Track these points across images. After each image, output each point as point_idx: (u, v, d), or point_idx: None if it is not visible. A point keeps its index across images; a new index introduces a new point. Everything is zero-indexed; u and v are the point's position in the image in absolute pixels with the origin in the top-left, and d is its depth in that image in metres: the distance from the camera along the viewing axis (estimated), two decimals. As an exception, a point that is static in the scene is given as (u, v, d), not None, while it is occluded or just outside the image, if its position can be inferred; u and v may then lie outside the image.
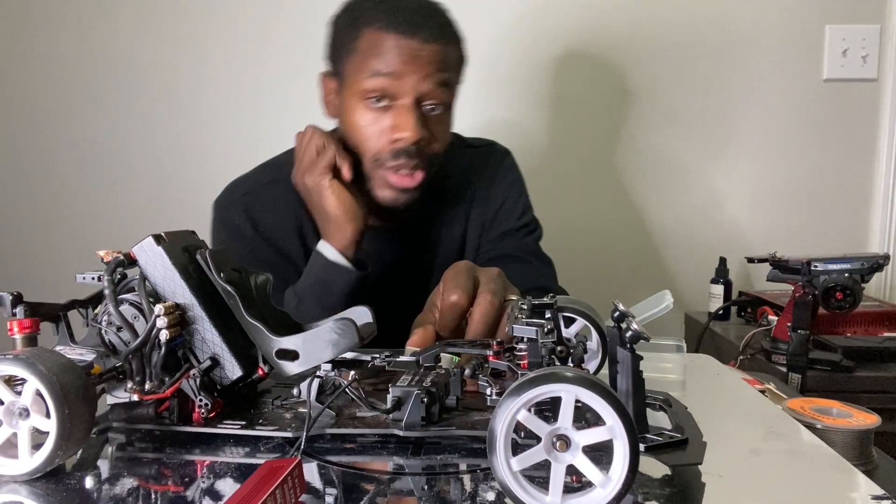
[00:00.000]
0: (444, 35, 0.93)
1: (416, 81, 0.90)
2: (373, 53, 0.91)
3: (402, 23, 0.90)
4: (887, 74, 1.60)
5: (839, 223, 1.65)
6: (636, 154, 1.63)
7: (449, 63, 0.94)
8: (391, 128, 0.92)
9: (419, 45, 0.90)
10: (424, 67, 0.90)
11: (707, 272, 1.57)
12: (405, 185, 0.94)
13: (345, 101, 0.96)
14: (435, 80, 0.91)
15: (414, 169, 0.94)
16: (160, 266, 0.53)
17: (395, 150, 0.92)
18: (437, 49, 0.91)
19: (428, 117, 0.94)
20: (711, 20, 1.59)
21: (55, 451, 0.46)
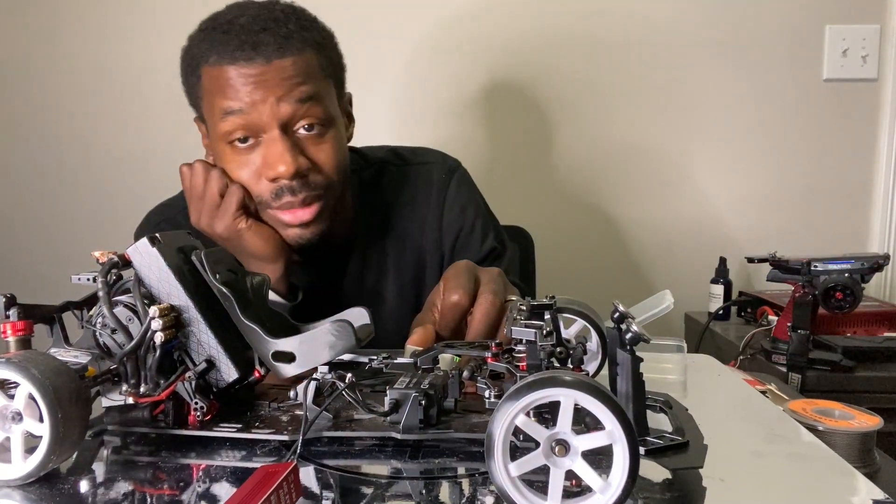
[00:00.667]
0: (290, 45, 0.81)
1: (272, 108, 0.80)
2: (217, 92, 0.81)
3: (236, 49, 0.79)
4: (887, 74, 1.59)
5: (839, 223, 1.65)
6: (636, 154, 1.63)
7: (307, 74, 0.82)
8: (263, 166, 0.82)
9: (262, 69, 0.79)
10: (276, 89, 0.80)
11: (707, 272, 1.57)
12: (302, 220, 0.84)
13: (214, 148, 0.87)
14: (294, 99, 0.81)
15: (304, 203, 0.84)
16: (155, 267, 0.53)
17: (276, 190, 0.82)
18: (285, 65, 0.80)
19: (303, 141, 0.83)
20: (711, 20, 1.59)
21: (48, 456, 0.45)
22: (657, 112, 1.61)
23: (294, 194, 0.82)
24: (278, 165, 0.80)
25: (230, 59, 0.80)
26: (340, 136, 0.89)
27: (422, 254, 1.01)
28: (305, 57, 0.83)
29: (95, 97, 1.61)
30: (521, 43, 1.59)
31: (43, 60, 1.61)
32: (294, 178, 0.81)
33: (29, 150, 1.64)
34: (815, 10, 1.58)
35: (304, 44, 0.83)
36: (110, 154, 1.63)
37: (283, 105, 0.80)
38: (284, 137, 0.81)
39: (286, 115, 0.81)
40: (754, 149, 1.63)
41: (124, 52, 1.60)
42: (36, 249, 1.65)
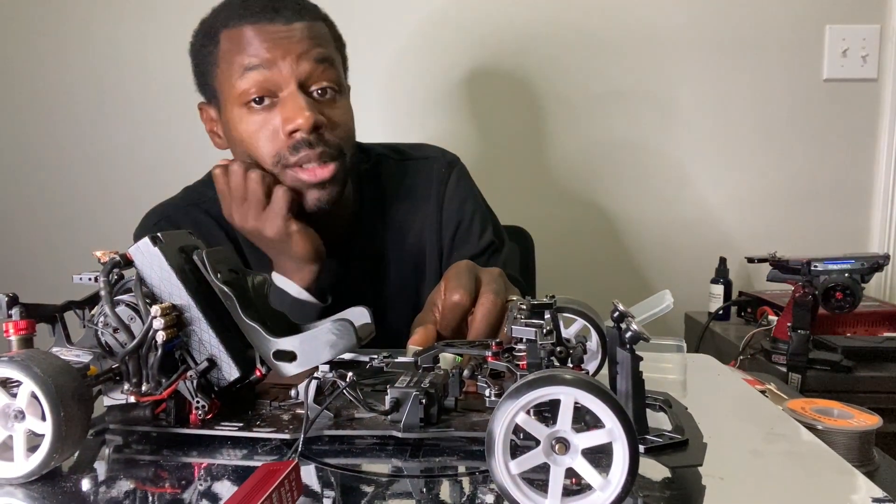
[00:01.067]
0: (307, 13, 0.87)
1: (292, 64, 0.83)
2: (237, 51, 0.84)
3: (257, 11, 0.84)
4: (887, 74, 1.59)
5: (839, 223, 1.65)
6: (635, 154, 1.63)
7: (323, 39, 0.87)
8: (283, 121, 0.84)
9: (283, 27, 0.84)
10: (296, 47, 0.84)
11: (707, 272, 1.57)
12: (322, 178, 0.86)
13: (226, 116, 0.88)
14: (313, 58, 0.85)
15: (321, 159, 0.86)
16: (157, 267, 0.53)
17: (294, 144, 0.84)
18: (303, 26, 0.85)
19: (320, 103, 0.86)
20: (711, 20, 1.59)
21: (51, 454, 0.45)
22: (657, 112, 1.61)
23: (311, 147, 0.84)
24: (297, 118, 0.83)
25: (252, 20, 0.84)
26: (350, 107, 0.92)
27: (421, 247, 1.02)
28: (318, 25, 0.88)
29: (98, 97, 1.61)
30: (522, 39, 1.59)
31: (44, 60, 1.61)
32: (312, 131, 0.83)
33: (31, 150, 1.64)
34: (815, 10, 1.58)
35: (317, 15, 0.89)
36: (112, 154, 1.63)
37: (302, 63, 0.84)
38: (302, 94, 0.84)
39: (304, 73, 0.84)
40: (754, 149, 1.63)
41: (126, 51, 1.60)
42: (37, 249, 1.65)
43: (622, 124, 1.62)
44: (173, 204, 1.02)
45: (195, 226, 0.96)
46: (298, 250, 0.85)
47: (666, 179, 1.64)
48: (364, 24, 1.56)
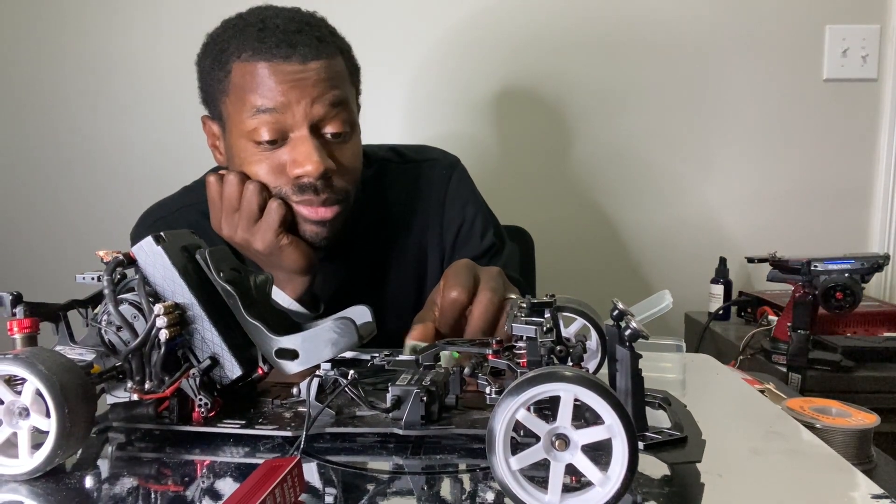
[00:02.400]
0: (324, 49, 0.82)
1: (305, 109, 0.80)
2: (249, 89, 0.81)
3: (273, 46, 0.80)
4: (887, 74, 1.60)
5: (839, 223, 1.65)
6: (636, 154, 1.63)
7: (339, 78, 0.84)
8: (290, 163, 0.82)
9: (298, 68, 0.80)
10: (312, 90, 0.80)
11: (707, 272, 1.57)
12: (322, 218, 0.84)
13: (232, 145, 0.86)
14: (328, 102, 0.82)
15: (325, 204, 0.84)
16: (159, 266, 0.53)
17: (300, 185, 0.82)
18: (320, 66, 0.81)
19: (330, 144, 0.84)
20: (711, 21, 1.59)
21: (55, 451, 0.46)
22: (657, 112, 1.62)
23: (317, 193, 0.83)
24: (306, 164, 0.80)
25: (267, 56, 0.80)
26: (359, 144, 0.90)
27: (423, 249, 1.02)
28: (336, 62, 0.84)
29: (101, 96, 1.62)
30: (525, 44, 1.59)
31: (45, 60, 1.61)
32: (319, 178, 0.82)
33: (33, 149, 1.64)
34: (815, 10, 1.58)
35: (335, 49, 0.85)
36: (115, 154, 1.63)
37: (317, 107, 0.81)
38: (314, 138, 0.81)
39: (318, 117, 0.82)
40: (754, 149, 1.63)
41: (128, 50, 1.60)
42: (41, 249, 1.66)
43: (622, 125, 1.62)
44: (170, 204, 1.01)
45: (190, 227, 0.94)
46: (289, 263, 0.84)
47: (666, 179, 1.64)
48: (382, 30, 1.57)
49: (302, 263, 0.84)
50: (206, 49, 0.87)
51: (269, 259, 0.84)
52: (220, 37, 0.86)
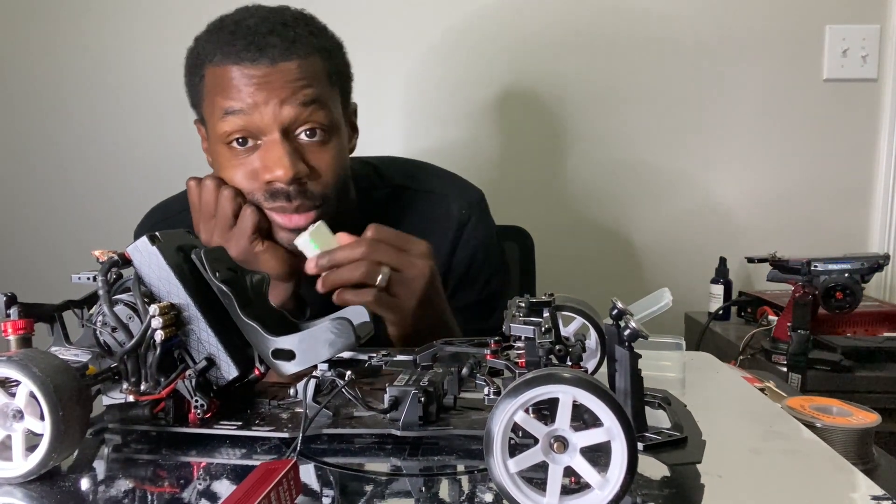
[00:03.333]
0: (297, 49, 0.80)
1: (274, 110, 0.79)
2: (219, 91, 0.80)
3: (242, 49, 0.79)
4: (887, 74, 1.59)
5: (839, 223, 1.65)
6: (635, 154, 1.63)
7: (313, 78, 0.81)
8: (261, 169, 0.80)
9: (266, 70, 0.78)
10: (280, 91, 0.78)
11: (707, 272, 1.57)
12: (298, 225, 0.82)
13: (211, 150, 0.86)
14: (298, 102, 0.79)
15: (298, 211, 0.82)
16: (155, 266, 0.53)
17: (272, 191, 0.81)
18: (290, 67, 0.79)
19: (304, 147, 0.82)
20: (711, 20, 1.59)
21: (49, 454, 0.45)
22: (657, 112, 1.61)
23: (289, 200, 0.81)
24: (276, 169, 0.79)
25: (235, 59, 0.79)
26: (342, 145, 0.87)
27: None
28: (311, 61, 0.82)
29: (95, 96, 1.61)
30: (523, 44, 1.59)
31: (43, 60, 1.61)
32: (291, 183, 0.80)
33: (28, 149, 1.64)
34: (815, 10, 1.58)
35: (311, 48, 0.82)
36: (110, 153, 1.63)
37: (286, 108, 0.79)
38: (285, 141, 0.80)
39: (288, 119, 0.80)
40: (754, 149, 1.63)
41: (124, 51, 1.60)
42: (36, 249, 1.65)
43: (621, 125, 1.62)
44: (174, 205, 1.00)
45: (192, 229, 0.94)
46: (267, 269, 0.80)
47: (665, 179, 1.64)
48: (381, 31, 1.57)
49: (280, 269, 0.82)
50: (189, 52, 0.87)
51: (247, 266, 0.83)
52: (200, 40, 0.85)
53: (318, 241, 0.75)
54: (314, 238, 0.75)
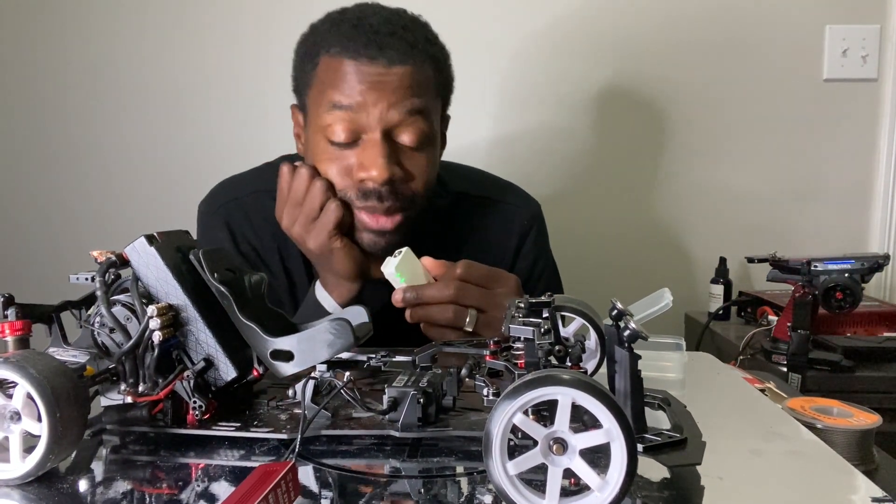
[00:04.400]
0: (414, 55, 0.81)
1: (381, 112, 0.79)
2: (330, 83, 0.81)
3: (361, 46, 0.79)
4: (887, 74, 1.59)
5: (839, 223, 1.64)
6: (635, 154, 1.63)
7: (423, 87, 0.82)
8: (357, 166, 0.81)
9: (382, 70, 0.79)
10: (390, 95, 0.79)
11: (707, 272, 1.57)
12: (382, 227, 0.84)
13: (309, 137, 0.87)
14: (405, 109, 0.80)
15: (388, 212, 0.83)
16: (153, 267, 0.53)
17: (364, 190, 0.82)
18: (405, 72, 0.80)
19: (402, 152, 0.83)
20: (711, 20, 1.58)
21: (47, 455, 0.45)
22: (656, 112, 1.61)
23: (380, 200, 0.82)
24: (372, 169, 0.80)
25: (353, 54, 0.80)
26: (436, 154, 0.88)
27: None
28: (424, 70, 0.83)
29: (93, 96, 1.61)
30: (522, 43, 1.59)
31: (41, 60, 1.61)
32: (384, 184, 0.80)
33: (26, 149, 1.64)
34: (815, 10, 1.58)
35: (426, 56, 0.83)
36: (109, 153, 1.63)
37: (393, 112, 0.80)
38: (384, 143, 0.80)
39: (392, 122, 0.81)
40: (754, 148, 1.62)
41: (123, 50, 1.59)
42: (34, 249, 1.65)
43: (621, 125, 1.62)
44: (242, 186, 0.99)
45: (263, 212, 0.93)
46: (339, 267, 0.83)
47: (666, 179, 1.64)
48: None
49: (351, 269, 0.83)
50: (304, 38, 0.88)
51: (321, 260, 0.84)
52: (318, 28, 0.86)
53: (404, 273, 0.74)
54: (400, 269, 0.74)
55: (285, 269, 0.95)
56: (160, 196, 1.61)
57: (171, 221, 0.74)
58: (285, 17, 1.55)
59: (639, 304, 0.70)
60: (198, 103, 1.58)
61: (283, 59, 0.93)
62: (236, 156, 1.39)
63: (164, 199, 1.61)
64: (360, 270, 0.84)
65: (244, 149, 1.51)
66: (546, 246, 1.05)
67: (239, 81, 1.58)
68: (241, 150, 1.52)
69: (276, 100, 1.57)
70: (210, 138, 1.59)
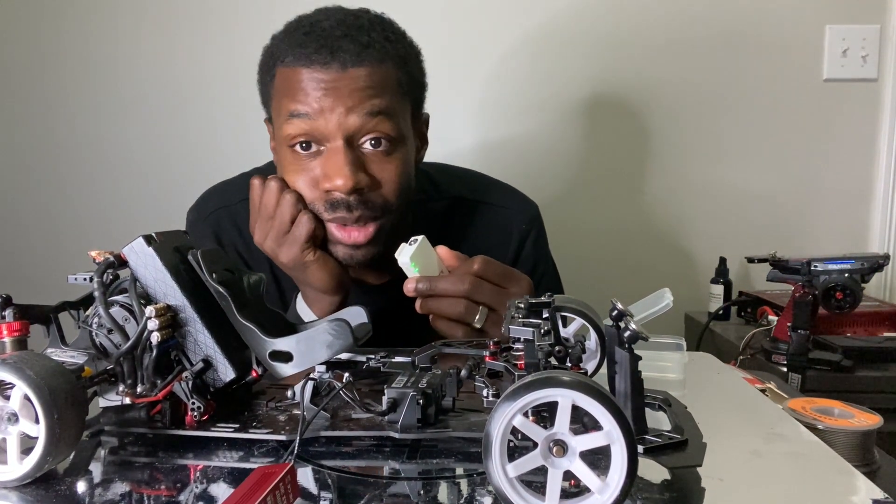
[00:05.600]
0: (369, 55, 0.78)
1: (340, 118, 0.77)
2: (286, 93, 0.79)
3: (313, 52, 0.77)
4: (887, 74, 1.59)
5: (839, 223, 1.64)
6: (635, 154, 1.63)
7: (383, 87, 0.79)
8: (322, 177, 0.79)
9: (336, 75, 0.77)
10: (346, 99, 0.77)
11: (707, 272, 1.57)
12: (354, 241, 0.81)
13: (276, 152, 0.85)
14: (364, 111, 0.77)
15: (358, 222, 0.80)
16: (151, 267, 0.53)
17: (332, 201, 0.79)
18: (360, 74, 0.77)
19: (367, 157, 0.80)
20: (711, 20, 1.58)
21: (44, 457, 0.45)
22: (655, 112, 1.61)
23: (349, 210, 0.79)
24: (336, 178, 0.77)
25: (305, 62, 0.78)
26: (408, 157, 0.85)
27: None
28: (383, 69, 0.80)
29: (92, 96, 1.60)
30: (522, 43, 1.59)
31: (41, 60, 1.60)
32: (351, 193, 0.78)
33: (25, 149, 1.63)
34: (815, 10, 1.57)
35: (385, 55, 0.80)
36: (107, 154, 1.62)
37: (352, 116, 0.77)
38: (347, 150, 0.78)
39: (353, 128, 0.78)
40: (754, 148, 1.62)
41: (122, 51, 1.59)
42: (32, 249, 1.65)
43: (620, 124, 1.62)
44: (232, 192, 0.98)
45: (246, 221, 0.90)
46: (314, 281, 0.81)
47: (665, 179, 1.63)
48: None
49: (327, 283, 0.81)
50: (264, 51, 0.86)
51: (297, 274, 0.82)
52: (275, 39, 0.84)
53: (419, 262, 0.73)
54: (415, 259, 0.73)
55: (275, 277, 0.94)
56: (159, 196, 1.61)
57: (169, 222, 0.74)
58: (288, 15, 1.55)
59: (639, 305, 0.70)
60: (197, 103, 1.58)
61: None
62: (236, 156, 1.38)
63: (163, 199, 1.61)
64: (337, 283, 0.82)
65: (244, 149, 1.51)
66: (545, 248, 1.04)
67: (240, 82, 1.57)
68: (241, 150, 1.52)
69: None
70: (210, 139, 1.59)
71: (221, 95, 1.58)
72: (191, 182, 1.54)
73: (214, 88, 1.58)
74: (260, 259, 0.93)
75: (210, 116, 1.58)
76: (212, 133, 1.59)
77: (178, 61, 1.58)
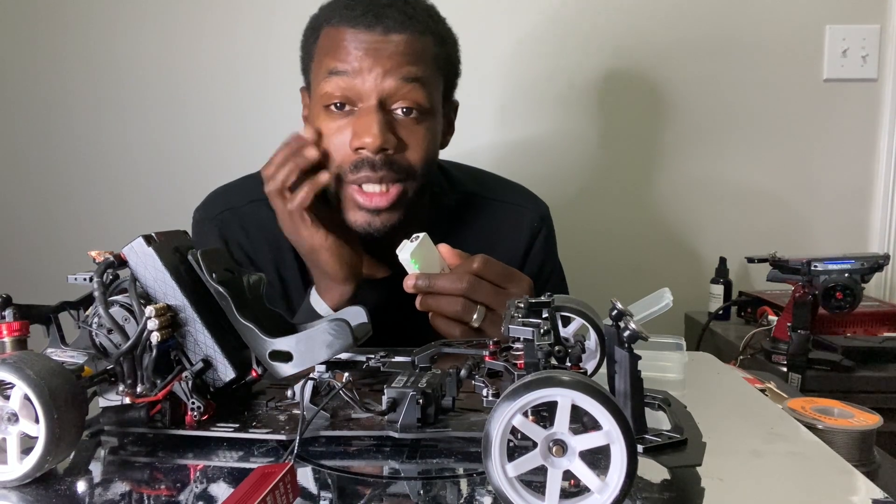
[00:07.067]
0: (412, 25, 0.82)
1: (376, 79, 0.80)
2: (328, 51, 0.82)
3: (360, 14, 0.80)
4: (887, 74, 1.59)
5: (839, 223, 1.64)
6: (635, 154, 1.63)
7: (421, 57, 0.82)
8: (352, 136, 0.81)
9: (378, 38, 0.80)
10: (385, 62, 0.80)
11: (707, 272, 1.57)
12: (375, 205, 0.82)
13: (311, 112, 0.87)
14: (400, 76, 0.80)
15: (382, 182, 0.82)
16: (151, 267, 0.53)
17: (357, 161, 0.81)
18: (401, 40, 0.80)
19: (398, 122, 0.82)
20: (711, 20, 1.58)
21: (44, 457, 0.45)
22: (656, 112, 1.61)
23: (374, 170, 0.81)
24: (365, 136, 0.79)
25: (351, 23, 0.81)
26: (435, 130, 0.87)
27: None
28: (424, 41, 0.83)
29: (92, 96, 1.60)
30: (522, 43, 1.59)
31: (41, 59, 1.60)
32: (378, 152, 0.80)
33: (24, 149, 1.63)
34: (815, 10, 1.57)
35: (426, 29, 0.84)
36: (107, 154, 1.62)
37: (388, 80, 0.80)
38: (379, 111, 0.80)
39: (388, 90, 0.80)
40: (754, 148, 1.62)
41: (122, 51, 1.59)
42: (32, 249, 1.65)
43: (620, 125, 1.62)
44: (238, 194, 0.98)
45: (259, 221, 0.93)
46: (327, 268, 0.82)
47: (665, 179, 1.63)
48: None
49: (339, 270, 0.82)
50: (310, 20, 0.89)
51: (310, 258, 0.83)
52: (322, 7, 0.87)
53: (419, 259, 0.73)
54: (416, 255, 0.73)
55: (281, 278, 0.94)
56: (159, 196, 1.61)
57: (169, 222, 0.74)
58: (289, 14, 1.55)
59: (639, 304, 0.70)
60: (197, 104, 1.58)
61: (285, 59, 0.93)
62: (237, 157, 1.39)
63: (163, 199, 1.61)
64: (350, 272, 0.83)
65: (245, 150, 1.51)
66: (554, 249, 1.05)
67: (240, 82, 1.58)
68: (241, 150, 1.52)
69: (276, 101, 1.57)
70: (209, 139, 1.59)
71: (221, 95, 1.58)
72: (191, 182, 1.55)
73: (214, 89, 1.58)
74: (266, 261, 0.94)
75: (210, 116, 1.58)
76: (212, 133, 1.58)
77: (178, 61, 1.58)
